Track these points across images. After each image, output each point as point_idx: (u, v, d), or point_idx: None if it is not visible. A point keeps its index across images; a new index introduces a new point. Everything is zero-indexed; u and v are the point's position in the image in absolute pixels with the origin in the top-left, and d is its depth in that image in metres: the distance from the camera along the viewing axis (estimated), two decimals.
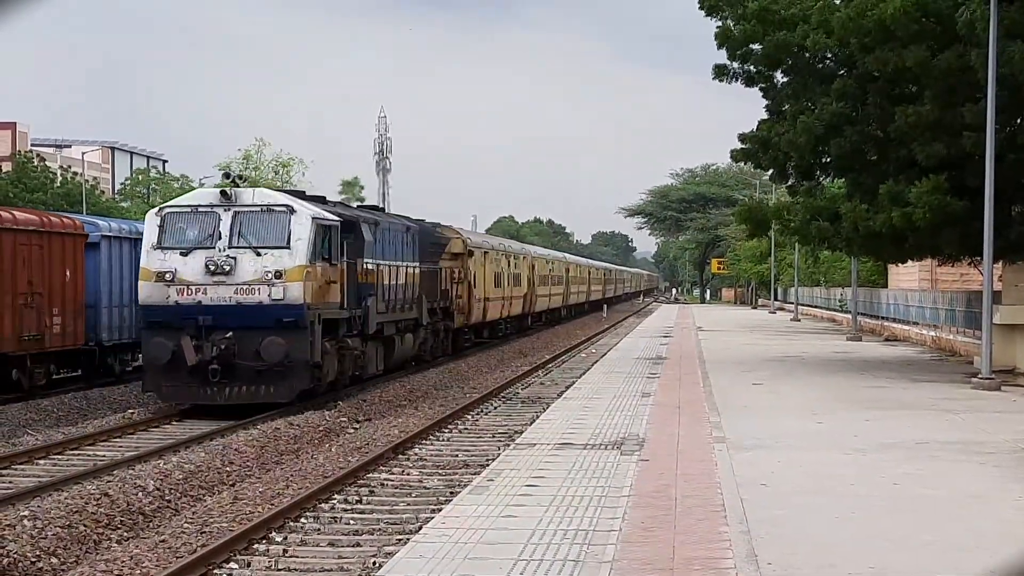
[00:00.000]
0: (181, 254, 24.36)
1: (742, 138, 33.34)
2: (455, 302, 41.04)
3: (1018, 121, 27.01)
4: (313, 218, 25.00)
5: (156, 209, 26.23)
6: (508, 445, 18.69)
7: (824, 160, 32.21)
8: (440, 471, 18.65)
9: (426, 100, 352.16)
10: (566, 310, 79.65)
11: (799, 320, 69.44)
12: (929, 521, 12.07)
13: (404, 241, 33.92)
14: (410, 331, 34.01)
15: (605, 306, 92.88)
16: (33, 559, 12.85)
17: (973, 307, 33.88)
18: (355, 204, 39.11)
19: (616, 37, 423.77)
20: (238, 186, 25.70)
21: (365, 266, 28.84)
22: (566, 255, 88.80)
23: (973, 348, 32.28)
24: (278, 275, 23.98)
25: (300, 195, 27.98)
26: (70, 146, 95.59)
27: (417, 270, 34.92)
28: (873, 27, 27.03)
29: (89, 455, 20.07)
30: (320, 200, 28.92)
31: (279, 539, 14.03)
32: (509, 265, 53.85)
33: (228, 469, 18.46)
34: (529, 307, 60.18)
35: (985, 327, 26.84)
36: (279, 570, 12.66)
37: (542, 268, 65.06)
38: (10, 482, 17.39)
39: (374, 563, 12.22)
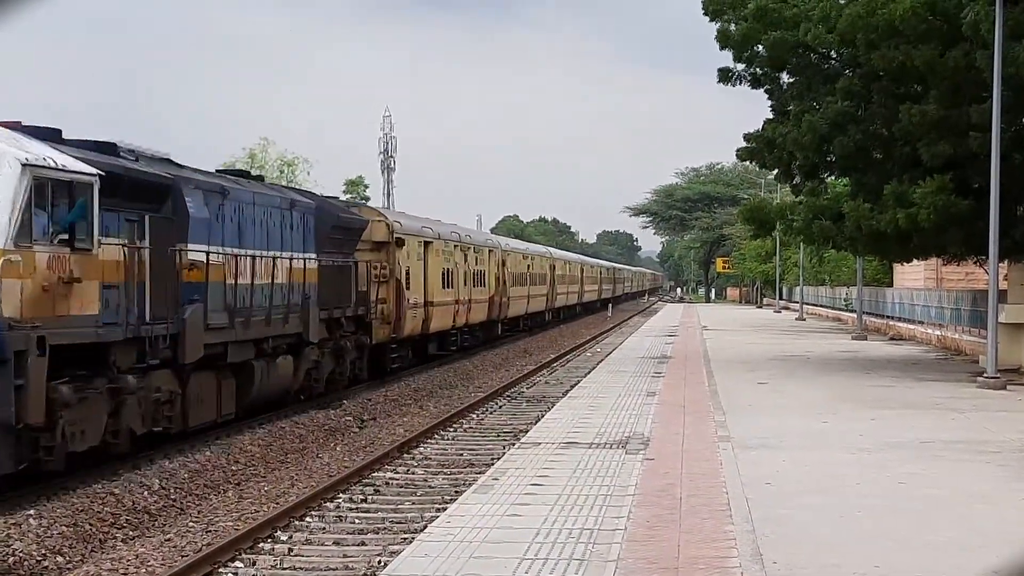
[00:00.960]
0: None
1: (747, 138, 33.40)
2: (376, 308, 30.29)
3: (1021, 122, 27.00)
4: (25, 165, 14.78)
5: None
6: (513, 444, 18.68)
7: (828, 159, 32.20)
8: (445, 470, 18.67)
9: (429, 101, 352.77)
10: (552, 314, 68.60)
11: (804, 319, 69.37)
12: (934, 521, 12.07)
13: (286, 222, 23.73)
14: (289, 353, 23.70)
15: (610, 305, 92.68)
16: (39, 558, 12.88)
17: (978, 306, 33.85)
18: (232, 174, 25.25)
19: (617, 37, 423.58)
20: None
21: (186, 256, 19.12)
22: (551, 250, 76.68)
23: (978, 347, 32.26)
24: None
25: (54, 135, 16.85)
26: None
27: (310, 264, 24.87)
28: (881, 25, 27.01)
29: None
30: (106, 149, 17.99)
31: (284, 538, 14.06)
32: (466, 260, 42.51)
33: (233, 468, 18.47)
34: (498, 312, 49.17)
35: (990, 326, 26.83)
36: (284, 569, 12.68)
37: (516, 265, 54.42)
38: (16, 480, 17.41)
39: (379, 562, 12.24)
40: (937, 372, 30.95)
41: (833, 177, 35.86)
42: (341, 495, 16.52)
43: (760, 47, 30.99)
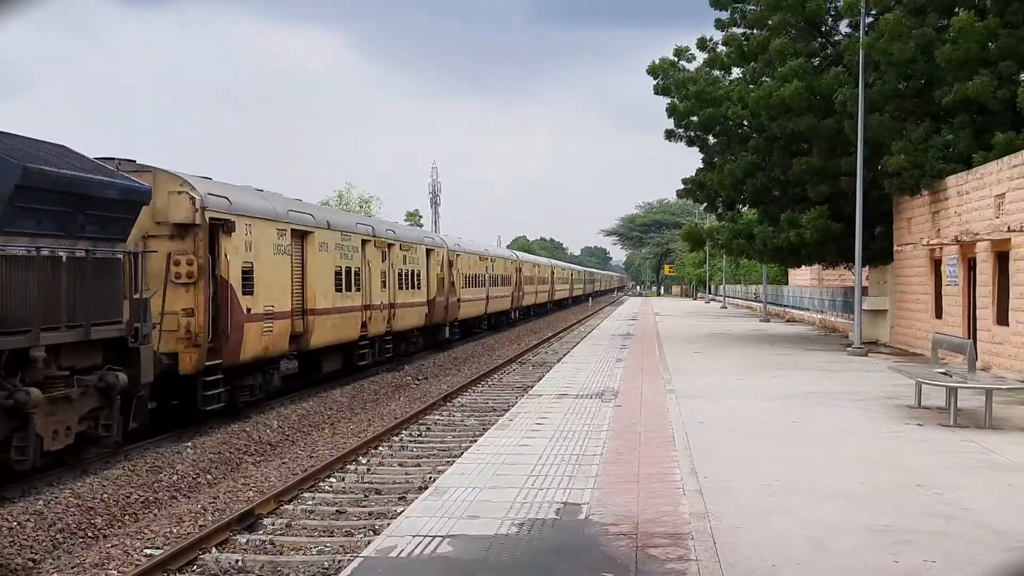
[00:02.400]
0: None
1: (684, 181, 33.52)
2: (180, 324, 15.26)
3: (879, 168, 27.04)
4: None
5: None
6: (523, 395, 18.66)
7: (742, 196, 32.35)
8: (476, 414, 18.69)
9: (466, 153, 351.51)
10: (519, 312, 51.61)
11: (726, 308, 69.17)
12: (817, 448, 12.05)
13: None
14: None
15: (590, 298, 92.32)
16: (194, 476, 12.96)
17: (848, 298, 33.84)
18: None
19: (598, 109, 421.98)
20: None
21: None
22: (517, 253, 56.37)
23: (848, 327, 32.17)
24: None
25: None
26: None
27: None
28: (777, 103, 27.18)
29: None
30: None
31: (364, 462, 14.11)
32: (387, 258, 25.55)
33: (328, 412, 18.54)
34: (444, 315, 32.36)
35: (856, 312, 26.86)
36: (365, 483, 12.72)
37: (471, 266, 37.80)
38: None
39: (431, 477, 12.26)
40: (819, 344, 30.88)
41: (746, 208, 35.84)
42: (404, 431, 16.57)
43: (695, 118, 31.06)
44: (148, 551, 9.72)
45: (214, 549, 9.62)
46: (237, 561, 9.25)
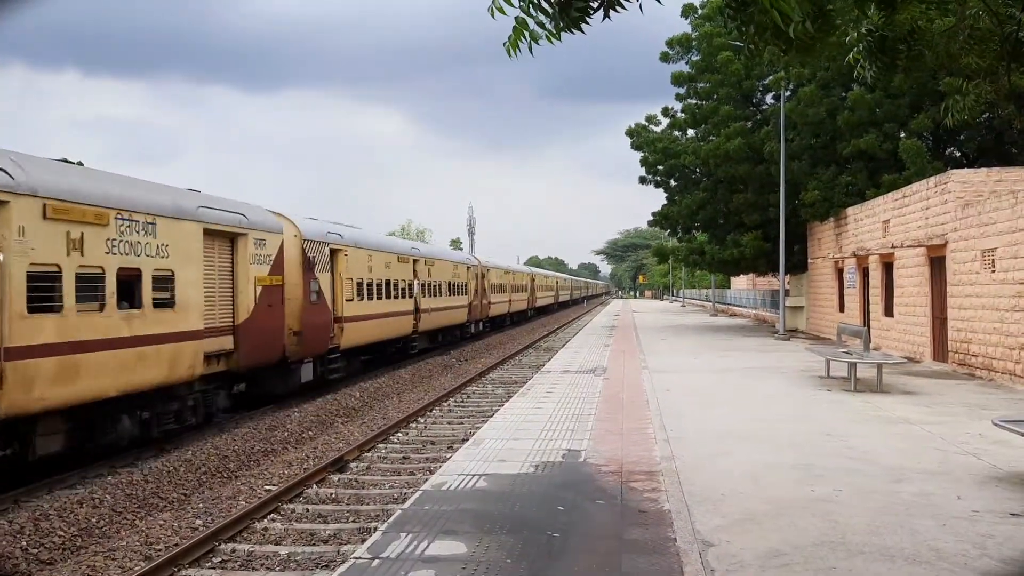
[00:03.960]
0: None
1: (653, 214, 33.50)
2: None
3: (797, 201, 26.95)
4: None
5: None
6: (537, 371, 18.65)
7: (696, 223, 32.26)
8: (503, 385, 18.66)
9: (491, 197, 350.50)
10: (483, 324, 34.54)
11: (684, 306, 68.79)
12: (753, 408, 11.98)
13: None
14: None
15: (585, 300, 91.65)
16: (300, 432, 13.04)
17: (775, 298, 33.59)
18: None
19: (587, 164, 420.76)
20: None
21: None
22: (478, 257, 35.99)
23: (775, 319, 31.98)
24: None
25: None
26: None
27: None
28: (722, 154, 27.20)
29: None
30: None
31: (422, 420, 14.11)
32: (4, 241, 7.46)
33: (396, 385, 18.55)
34: (300, 346, 15.09)
35: (781, 308, 26.73)
36: (423, 436, 12.73)
37: (381, 269, 20.19)
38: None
39: (471, 432, 12.29)
40: (754, 332, 30.67)
41: (699, 232, 35.77)
42: (450, 399, 16.57)
43: (661, 167, 31.12)
44: (267, 487, 9.82)
45: (315, 485, 9.71)
46: (331, 494, 9.33)
